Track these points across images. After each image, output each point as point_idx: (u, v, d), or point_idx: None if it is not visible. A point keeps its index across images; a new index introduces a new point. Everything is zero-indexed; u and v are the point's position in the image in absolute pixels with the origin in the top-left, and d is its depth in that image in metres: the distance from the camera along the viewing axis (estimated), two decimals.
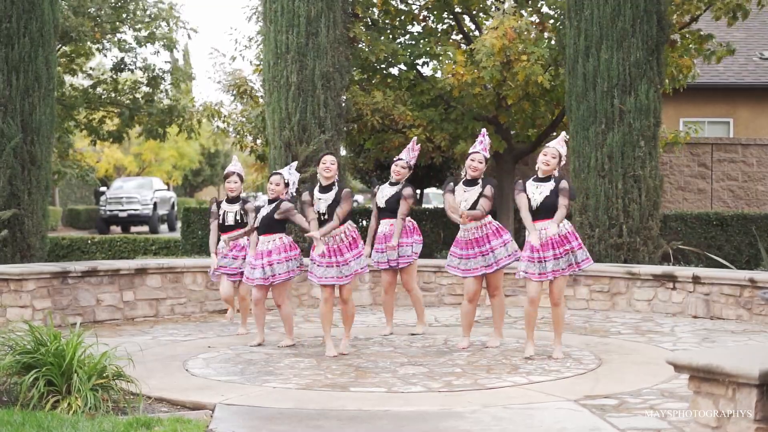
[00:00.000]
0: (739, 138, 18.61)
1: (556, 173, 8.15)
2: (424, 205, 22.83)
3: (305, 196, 8.41)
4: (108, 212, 30.88)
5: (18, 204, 12.33)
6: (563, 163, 8.27)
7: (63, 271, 10.49)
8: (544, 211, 8.01)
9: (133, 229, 32.49)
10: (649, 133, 12.78)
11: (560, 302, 8.15)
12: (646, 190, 12.74)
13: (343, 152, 15.54)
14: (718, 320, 10.65)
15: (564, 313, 8.34)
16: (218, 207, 9.73)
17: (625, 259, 12.62)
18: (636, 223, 12.68)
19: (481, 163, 8.54)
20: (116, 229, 32.11)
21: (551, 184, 8.05)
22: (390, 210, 9.53)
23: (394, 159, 9.77)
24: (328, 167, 8.38)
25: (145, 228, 32.48)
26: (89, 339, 6.67)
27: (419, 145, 9.88)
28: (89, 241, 18.68)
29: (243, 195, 9.75)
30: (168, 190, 37.79)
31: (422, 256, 11.52)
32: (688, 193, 17.72)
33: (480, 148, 8.64)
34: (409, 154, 9.71)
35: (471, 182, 8.55)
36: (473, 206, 8.45)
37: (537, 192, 8.06)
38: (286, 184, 8.90)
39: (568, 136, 8.54)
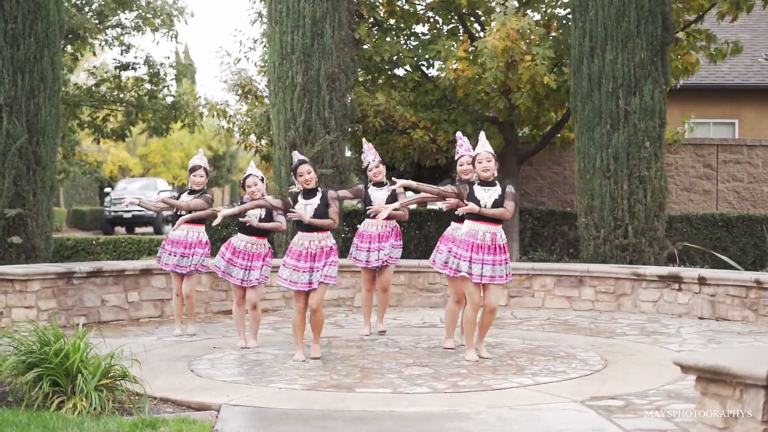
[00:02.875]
0: (744, 139, 18.57)
1: (495, 173, 8.15)
2: (429, 206, 22.79)
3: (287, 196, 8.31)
4: (112, 213, 30.90)
5: (23, 204, 12.34)
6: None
7: (68, 272, 10.49)
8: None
9: (138, 229, 32.51)
10: (655, 134, 12.76)
11: (496, 309, 8.18)
12: (652, 191, 12.72)
13: (348, 153, 15.54)
14: (723, 321, 10.62)
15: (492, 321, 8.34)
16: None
17: (630, 260, 12.60)
18: (641, 224, 12.66)
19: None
20: (121, 229, 32.13)
21: (498, 189, 8.11)
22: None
23: (372, 162, 9.63)
24: (306, 179, 8.15)
25: (150, 229, 32.50)
26: (94, 339, 6.67)
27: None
28: (94, 242, 18.68)
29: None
30: (172, 191, 37.80)
31: (426, 257, 11.52)
32: (693, 194, 17.68)
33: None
34: (375, 154, 9.72)
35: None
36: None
37: (486, 196, 8.08)
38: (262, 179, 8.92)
39: (484, 132, 8.76)
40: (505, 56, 13.17)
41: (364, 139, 10.24)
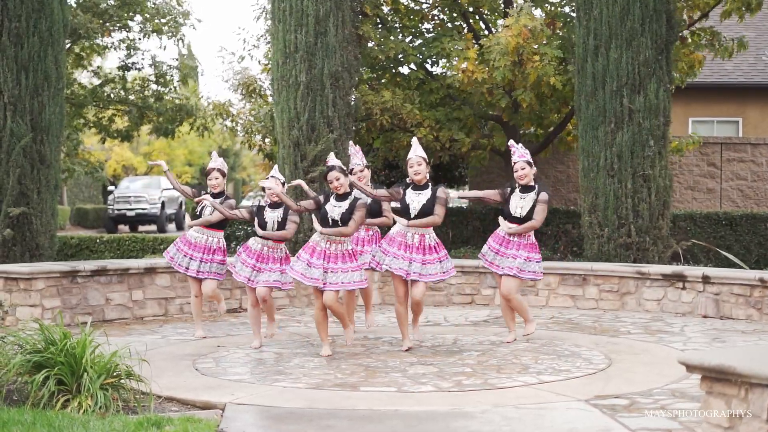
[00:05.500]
0: (748, 137, 18.56)
1: (427, 177, 8.51)
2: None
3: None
4: (116, 211, 30.94)
5: (27, 203, 12.35)
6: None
7: (72, 271, 10.50)
8: (422, 216, 8.39)
9: (141, 228, 32.53)
10: (659, 133, 12.75)
11: (422, 302, 8.57)
12: (656, 189, 12.71)
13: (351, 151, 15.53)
14: (727, 320, 10.62)
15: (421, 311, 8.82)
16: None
17: (634, 259, 12.60)
18: (646, 222, 12.65)
19: (524, 169, 8.78)
20: (124, 228, 32.15)
21: (429, 192, 8.44)
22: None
23: (357, 166, 9.37)
24: (336, 186, 8.24)
25: (153, 227, 32.52)
26: (99, 338, 6.68)
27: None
28: (98, 241, 18.69)
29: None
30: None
31: None
32: (697, 192, 17.67)
33: (517, 157, 8.85)
34: (361, 157, 9.56)
35: (526, 189, 8.82)
36: (530, 212, 8.71)
37: (416, 200, 8.43)
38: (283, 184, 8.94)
39: (415, 138, 8.96)
40: (515, 54, 13.16)
41: (351, 142, 10.17)
